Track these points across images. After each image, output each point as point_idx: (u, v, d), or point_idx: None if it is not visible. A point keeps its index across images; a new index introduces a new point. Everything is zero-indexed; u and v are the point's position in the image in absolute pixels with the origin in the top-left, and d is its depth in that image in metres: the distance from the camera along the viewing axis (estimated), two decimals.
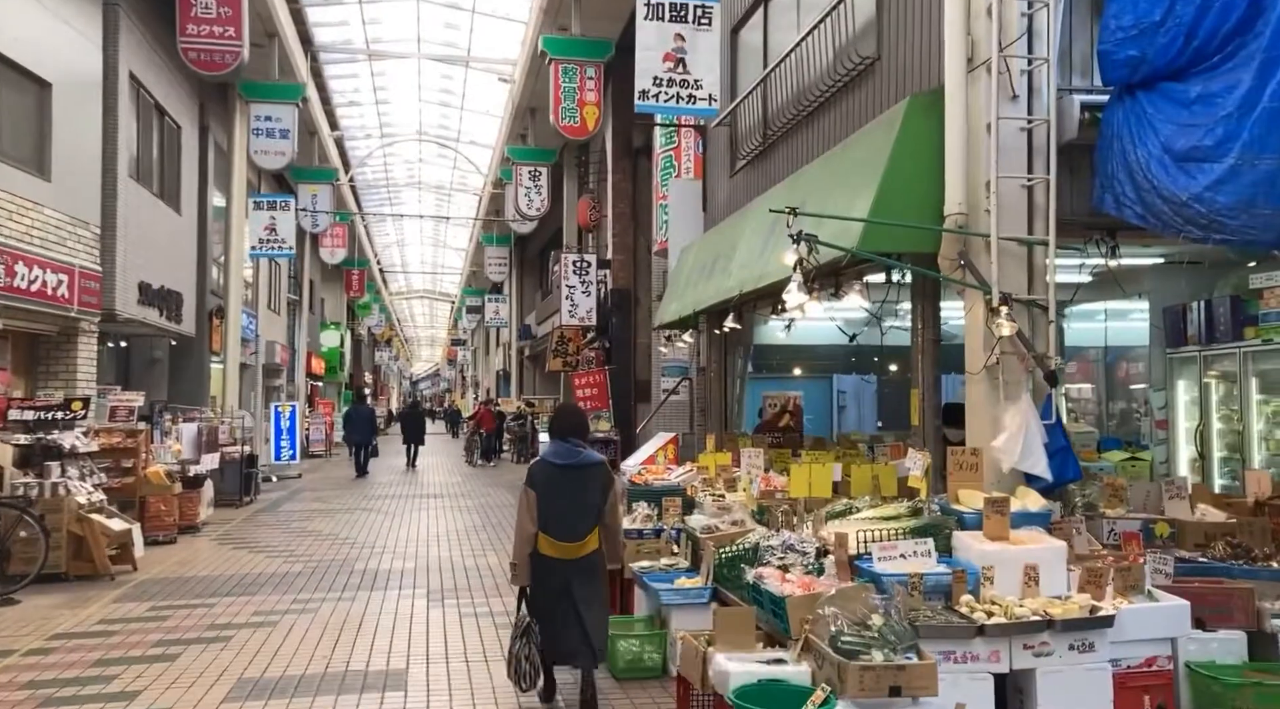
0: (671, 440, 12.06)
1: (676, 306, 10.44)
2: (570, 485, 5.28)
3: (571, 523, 5.25)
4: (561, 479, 5.29)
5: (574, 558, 5.23)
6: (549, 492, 5.25)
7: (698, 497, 8.15)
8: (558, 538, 5.22)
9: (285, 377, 28.09)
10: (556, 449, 5.40)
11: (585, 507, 5.28)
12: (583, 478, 5.31)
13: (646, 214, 17.32)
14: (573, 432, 5.48)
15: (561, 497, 5.26)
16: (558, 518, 5.23)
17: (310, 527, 13.07)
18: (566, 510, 5.25)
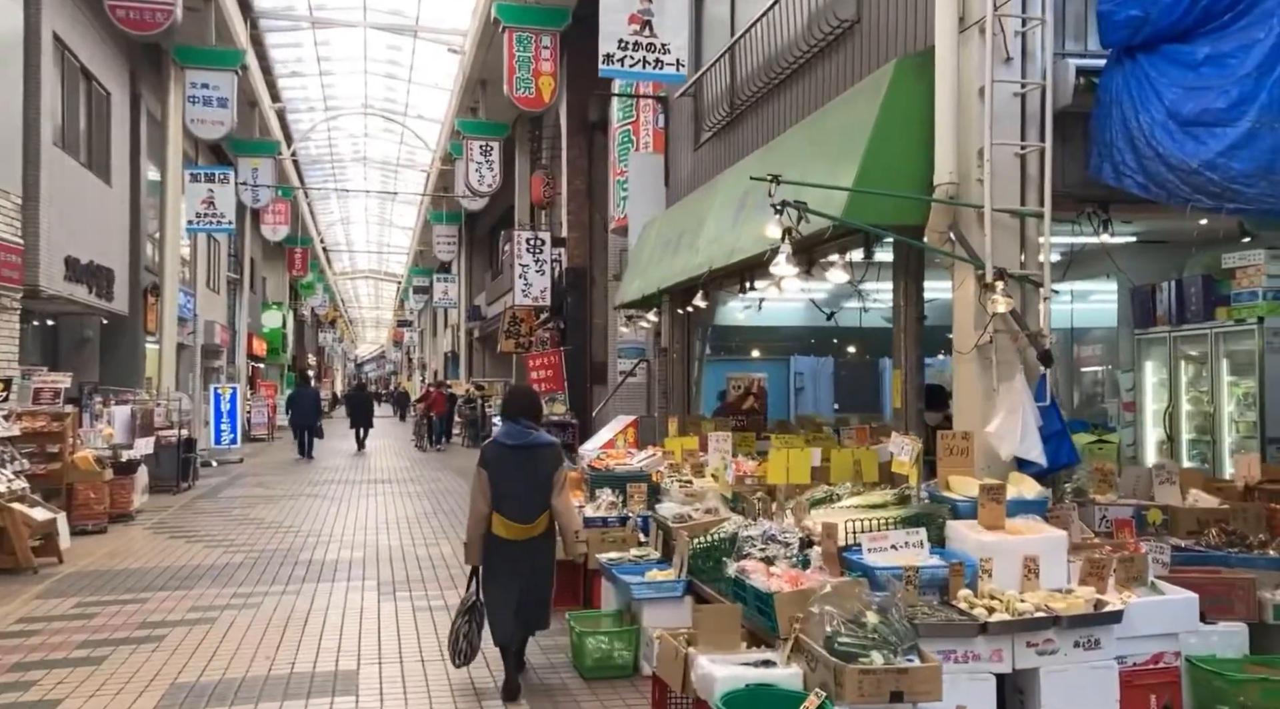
0: (631, 424, 11.71)
1: (639, 285, 10.05)
2: (522, 466, 5.31)
3: (524, 504, 5.29)
4: (513, 460, 5.32)
5: (526, 539, 5.28)
6: (501, 472, 5.28)
7: (664, 483, 7.81)
8: (511, 519, 5.26)
9: (225, 358, 27.18)
10: (508, 430, 5.44)
11: (537, 487, 5.31)
12: (534, 459, 5.33)
13: (603, 191, 16.88)
14: (524, 413, 5.52)
15: (514, 477, 5.29)
16: (510, 498, 5.27)
17: (252, 514, 12.48)
18: (519, 491, 5.29)
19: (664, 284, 8.99)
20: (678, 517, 6.04)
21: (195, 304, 21.92)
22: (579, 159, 17.22)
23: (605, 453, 10.80)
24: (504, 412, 5.75)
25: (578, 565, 7.17)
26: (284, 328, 37.69)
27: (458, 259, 33.46)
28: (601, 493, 7.75)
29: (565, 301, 17.44)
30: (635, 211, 11.73)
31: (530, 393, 6.11)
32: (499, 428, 5.65)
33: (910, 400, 5.90)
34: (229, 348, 27.67)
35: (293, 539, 10.44)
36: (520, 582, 5.24)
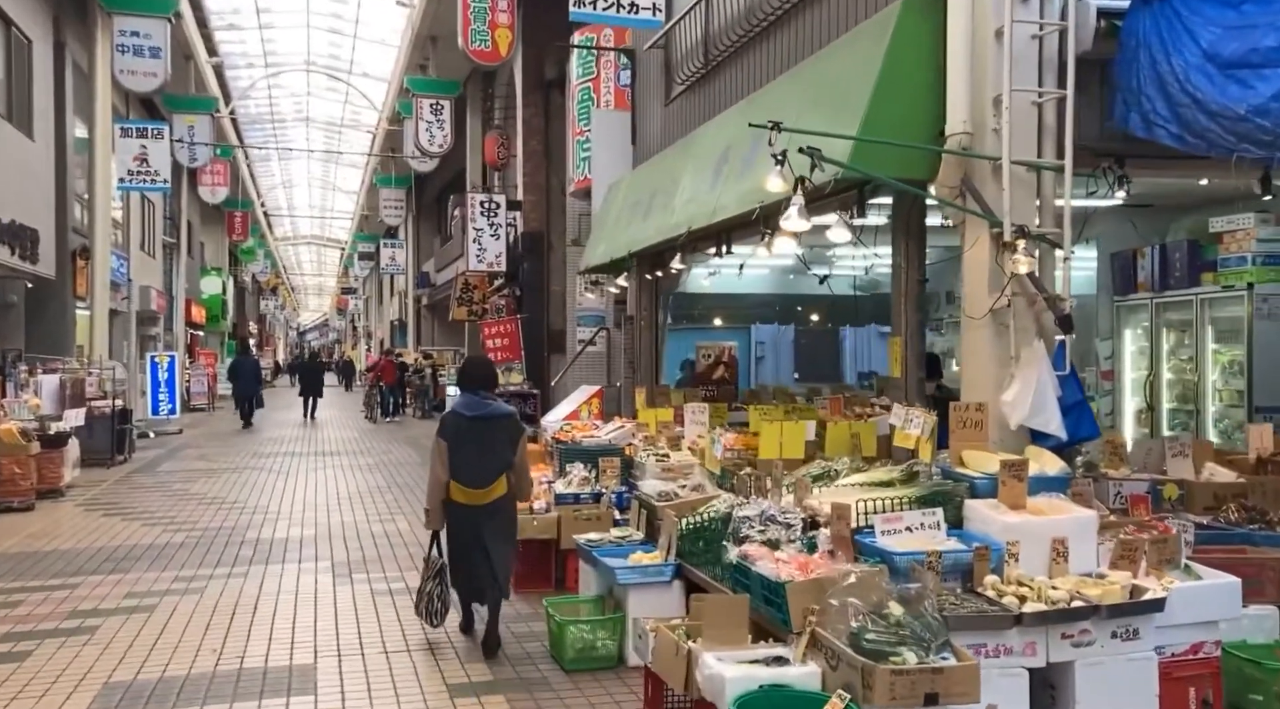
0: (595, 394, 11.25)
1: (606, 248, 9.55)
2: (479, 436, 5.39)
3: (479, 471, 5.36)
4: (471, 430, 5.40)
5: (483, 503, 5.38)
6: (459, 442, 5.37)
7: (638, 457, 7.38)
8: (467, 485, 5.36)
9: (162, 325, 26.07)
10: (466, 401, 5.53)
11: (494, 456, 5.39)
12: (492, 429, 5.42)
13: (560, 152, 16.26)
14: (482, 383, 5.66)
15: (471, 447, 5.36)
16: (467, 467, 5.35)
17: (193, 489, 11.81)
18: (475, 460, 5.36)
19: (634, 247, 8.51)
20: (662, 494, 5.61)
21: (129, 268, 20.88)
22: (535, 119, 16.54)
23: (569, 424, 10.34)
24: (461, 383, 5.85)
25: (549, 545, 6.74)
26: (224, 294, 36.45)
27: (405, 224, 32.52)
28: (572, 468, 7.31)
29: (521, 267, 16.84)
30: (599, 172, 11.19)
31: (487, 363, 6.25)
32: (457, 399, 5.71)
33: (911, 369, 5.52)
34: (166, 315, 26.55)
35: (238, 516, 9.84)
36: (482, 543, 5.35)
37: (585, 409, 11.15)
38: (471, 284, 20.18)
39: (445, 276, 28.33)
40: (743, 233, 7.34)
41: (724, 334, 15.22)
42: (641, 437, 7.75)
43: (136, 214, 22.12)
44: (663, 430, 7.73)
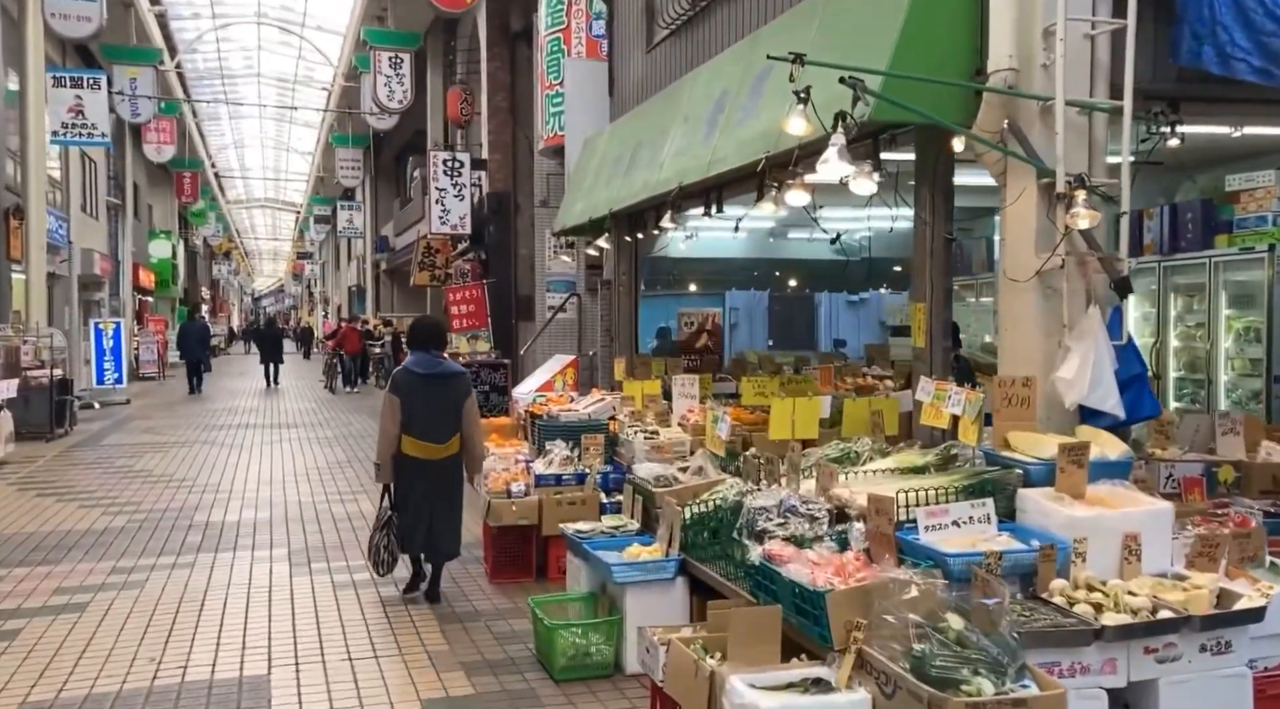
0: (570, 364, 10.64)
1: (583, 207, 8.89)
2: (433, 393, 5.61)
3: (436, 426, 5.59)
4: (425, 387, 5.61)
5: (438, 458, 5.60)
6: (413, 398, 5.56)
7: (623, 433, 6.79)
8: (423, 439, 5.56)
9: (108, 290, 24.92)
10: (419, 359, 5.72)
11: (449, 412, 5.64)
12: (445, 386, 5.68)
13: (528, 107, 15.48)
14: (432, 342, 5.82)
15: (426, 403, 5.57)
16: (422, 421, 5.55)
17: (138, 465, 11.04)
18: (431, 415, 5.57)
19: (616, 206, 7.86)
20: (660, 479, 5.02)
21: (70, 230, 19.79)
22: (500, 73, 15.72)
23: (543, 397, 9.73)
24: (411, 342, 5.95)
25: (529, 532, 6.15)
26: (174, 259, 35.12)
27: (363, 186, 31.45)
28: (552, 446, 6.70)
29: (487, 230, 16.09)
30: (574, 126, 10.48)
31: (436, 323, 6.37)
32: (409, 357, 5.85)
33: (936, 338, 4.96)
34: (112, 279, 25.39)
35: (186, 496, 9.12)
36: (433, 499, 5.58)
37: (559, 380, 10.54)
38: (434, 247, 19.40)
39: (405, 241, 27.40)
40: (737, 189, 6.72)
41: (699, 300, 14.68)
42: (627, 412, 7.15)
43: (76, 173, 20.95)
44: (650, 404, 7.14)
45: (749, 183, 6.51)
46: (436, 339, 5.89)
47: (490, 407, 10.45)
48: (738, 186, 6.71)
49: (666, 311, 13.40)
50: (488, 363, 10.92)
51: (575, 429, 6.86)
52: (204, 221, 38.13)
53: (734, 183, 6.62)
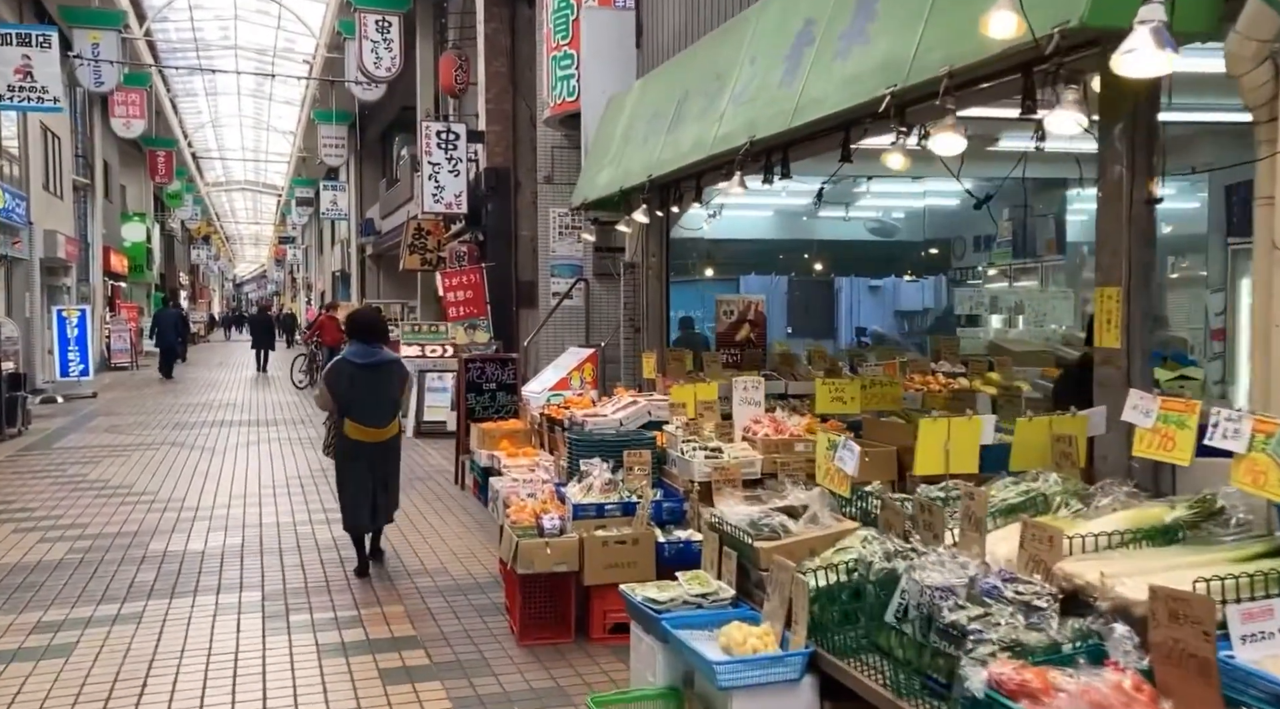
0: (589, 359, 9.33)
1: (610, 176, 7.56)
2: (372, 380, 5.94)
3: (376, 412, 5.96)
4: (363, 376, 5.93)
5: (380, 441, 6.00)
6: (353, 386, 5.90)
7: (676, 449, 5.49)
8: (365, 424, 5.93)
9: (75, 275, 23.37)
10: (357, 349, 6.00)
11: (387, 398, 6.04)
12: (382, 374, 6.02)
13: (530, 74, 14.10)
14: (371, 334, 6.11)
15: (366, 390, 5.92)
16: (362, 407, 5.91)
17: (94, 474, 9.67)
18: (370, 401, 5.94)
19: (657, 171, 6.52)
20: (760, 528, 3.71)
21: (28, 209, 18.28)
22: (499, 36, 14.32)
23: (559, 397, 8.45)
24: (350, 333, 6.20)
25: (565, 580, 4.84)
26: (148, 242, 33.50)
27: (347, 166, 29.93)
28: (590, 465, 5.38)
29: (484, 209, 14.71)
30: (593, 86, 9.14)
31: (376, 315, 6.80)
32: (348, 348, 6.10)
33: (1136, 334, 3.67)
34: (80, 264, 23.86)
35: (143, 515, 7.78)
36: (375, 476, 5.98)
37: (576, 377, 9.24)
38: (425, 229, 18.01)
39: (392, 223, 25.96)
40: (818, 146, 5.41)
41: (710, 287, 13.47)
42: (679, 422, 5.84)
43: (38, 148, 19.42)
44: (705, 413, 5.83)
45: (832, 138, 5.24)
46: (374, 331, 6.19)
47: (498, 407, 9.14)
48: (816, 143, 5.40)
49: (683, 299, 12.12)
50: (492, 357, 9.59)
51: (616, 444, 5.55)
52: (180, 204, 36.50)
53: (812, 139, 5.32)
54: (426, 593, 5.65)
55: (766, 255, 13.96)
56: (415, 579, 5.95)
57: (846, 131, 5.10)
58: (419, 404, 12.78)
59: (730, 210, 9.57)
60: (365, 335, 6.07)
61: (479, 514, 7.81)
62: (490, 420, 8.98)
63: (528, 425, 8.36)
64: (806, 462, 5.29)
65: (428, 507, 8.14)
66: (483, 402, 9.15)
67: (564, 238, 13.62)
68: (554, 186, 13.46)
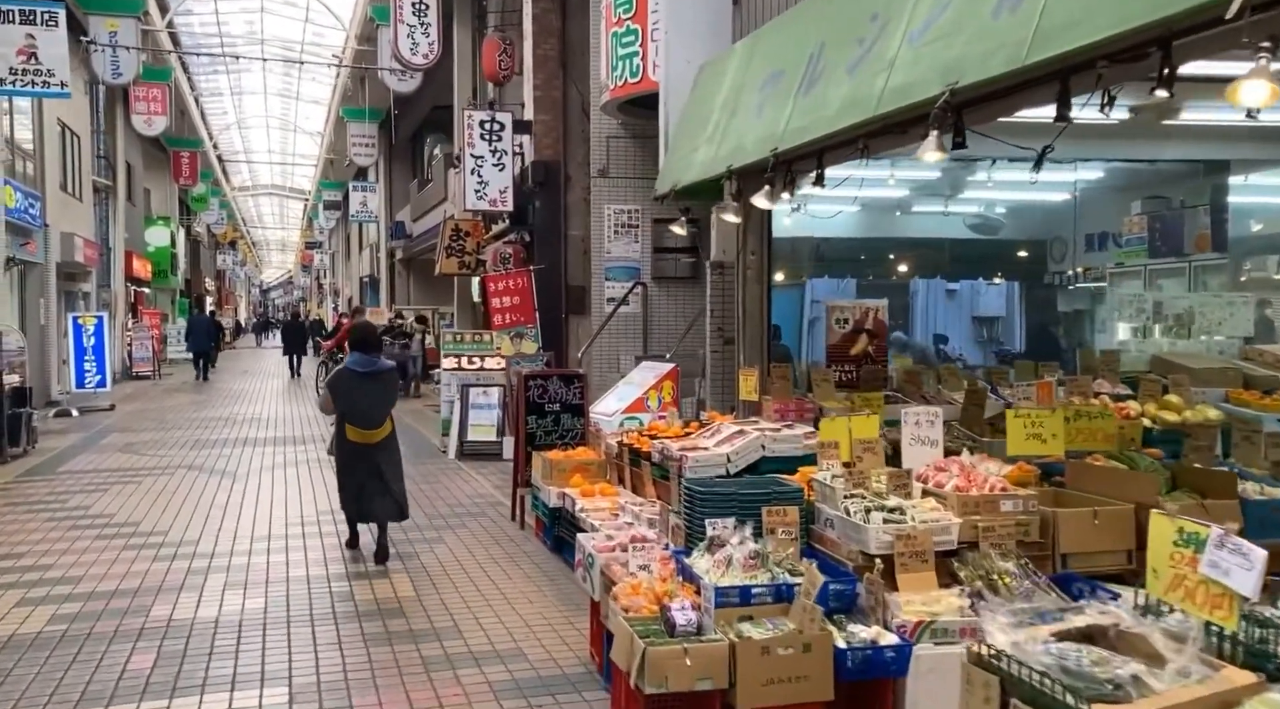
0: (668, 375, 7.99)
1: (709, 155, 6.20)
2: (370, 386, 6.56)
3: (372, 415, 6.56)
4: (362, 383, 6.53)
5: (375, 442, 6.56)
6: (353, 393, 6.53)
7: (843, 508, 4.12)
8: (363, 427, 6.54)
9: (95, 280, 22.34)
10: (358, 359, 6.58)
11: (382, 403, 6.65)
12: (380, 381, 6.63)
13: (582, 58, 12.81)
14: (370, 346, 6.71)
15: (364, 395, 6.54)
16: (361, 412, 6.54)
17: (99, 506, 8.43)
18: (368, 406, 6.55)
19: (787, 142, 5.16)
20: (1071, 672, 2.34)
21: (43, 210, 17.21)
22: (549, 16, 13.05)
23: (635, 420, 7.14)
24: (353, 345, 6.79)
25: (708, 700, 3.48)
26: (173, 247, 32.56)
27: (376, 167, 28.83)
28: (721, 527, 4.01)
29: (531, 206, 13.44)
30: (675, 56, 7.78)
31: (372, 329, 7.22)
32: (350, 357, 6.65)
33: None
34: (101, 269, 22.83)
35: (148, 564, 6.50)
36: (375, 473, 6.52)
37: (654, 397, 7.89)
38: (463, 230, 16.77)
39: (424, 226, 24.79)
40: (1026, 96, 4.04)
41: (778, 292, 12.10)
42: (832, 468, 4.46)
43: (54, 146, 18.37)
44: (866, 453, 4.45)
45: (1042, 91, 3.89)
46: (375, 344, 6.80)
47: (561, 432, 7.80)
48: (1026, 95, 4.03)
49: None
50: (552, 373, 8.23)
51: (753, 500, 4.18)
52: (205, 207, 35.55)
53: (1020, 90, 3.95)
54: (502, 691, 4.32)
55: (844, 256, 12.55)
56: (485, 667, 4.61)
57: (1064, 80, 3.75)
58: (462, 422, 11.47)
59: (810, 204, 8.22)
60: (365, 347, 6.66)
61: (548, 564, 6.48)
62: (553, 447, 7.66)
63: (602, 456, 7.04)
64: (1016, 526, 3.94)
65: (484, 553, 6.81)
66: (544, 425, 7.81)
67: (620, 237, 12.34)
68: (609, 181, 12.18)
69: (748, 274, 6.90)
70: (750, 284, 6.91)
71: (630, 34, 10.26)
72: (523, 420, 7.76)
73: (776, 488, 4.32)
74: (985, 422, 6.19)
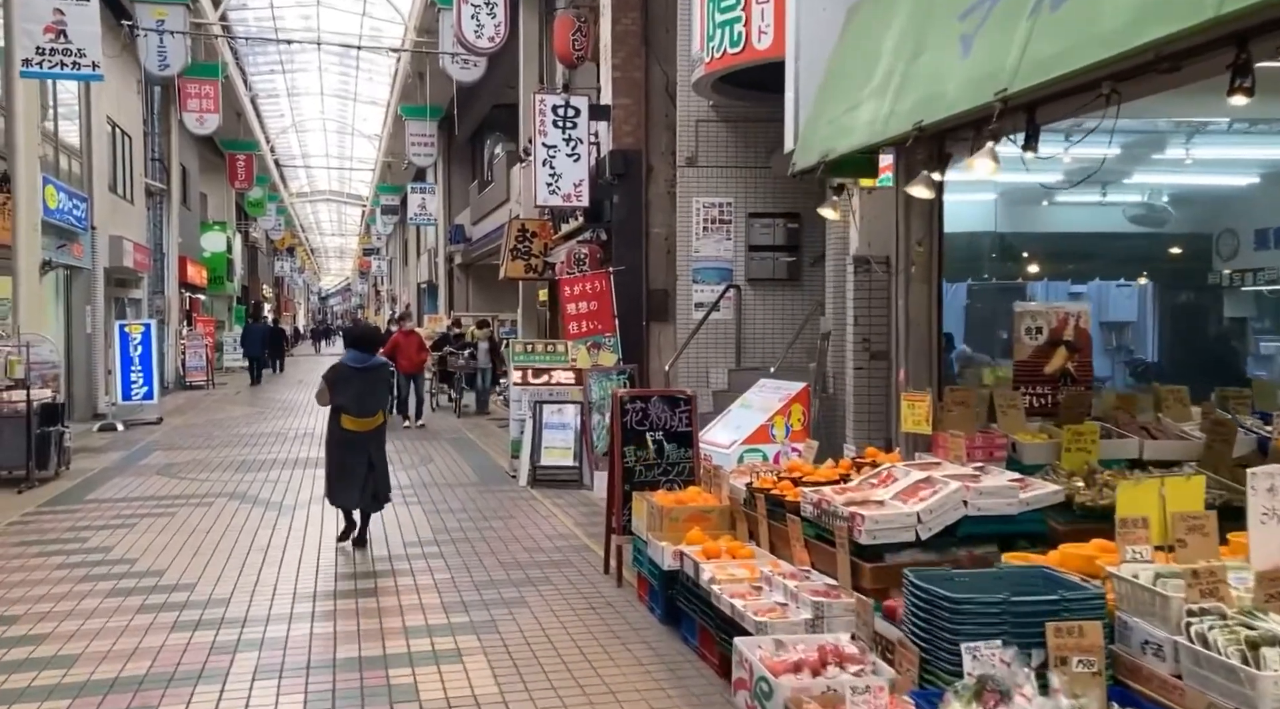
0: (797, 398, 6.51)
1: (874, 112, 4.71)
2: (364, 381, 7.20)
3: (366, 405, 7.18)
4: (358, 377, 7.18)
5: (369, 430, 7.19)
6: (349, 385, 7.15)
7: (1187, 633, 2.60)
8: (358, 416, 7.14)
9: (147, 286, 21.50)
10: (354, 356, 7.24)
11: (375, 394, 7.32)
12: (372, 375, 7.29)
13: (666, 34, 11.42)
14: (365, 344, 7.40)
15: (359, 388, 7.16)
16: (357, 402, 7.14)
17: (120, 547, 7.20)
18: (363, 398, 7.17)
19: (1017, 83, 3.66)
20: None
21: (91, 212, 16.27)
22: None
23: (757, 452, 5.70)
24: (348, 343, 7.55)
25: None
26: (229, 253, 31.85)
27: (435, 168, 27.76)
28: (987, 657, 2.53)
29: (609, 201, 12.07)
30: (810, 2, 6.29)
31: (369, 330, 8.63)
32: (346, 354, 7.33)
33: None
34: (154, 274, 22.00)
35: (162, 637, 5.19)
36: (367, 461, 7.11)
37: (780, 424, 6.42)
38: (530, 231, 15.46)
39: (484, 229, 23.61)
40: None
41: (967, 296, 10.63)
42: (1138, 551, 2.95)
43: (103, 145, 17.47)
44: (1187, 534, 2.93)
45: None
46: (368, 342, 7.48)
47: (666, 466, 6.35)
48: None
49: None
50: (653, 393, 6.74)
51: (1031, 615, 2.69)
52: (262, 212, 34.85)
53: None
54: None
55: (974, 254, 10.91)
56: None
57: None
58: (534, 444, 10.09)
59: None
60: (363, 345, 7.34)
61: (662, 643, 5.05)
62: (656, 486, 6.24)
63: (723, 501, 5.59)
64: None
65: (578, 624, 5.39)
66: (644, 457, 6.38)
67: (710, 234, 10.93)
68: (698, 170, 10.77)
69: (912, 273, 5.39)
70: (916, 284, 5.40)
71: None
72: (619, 453, 6.33)
73: (1066, 592, 2.82)
74: (1235, 462, 4.66)
